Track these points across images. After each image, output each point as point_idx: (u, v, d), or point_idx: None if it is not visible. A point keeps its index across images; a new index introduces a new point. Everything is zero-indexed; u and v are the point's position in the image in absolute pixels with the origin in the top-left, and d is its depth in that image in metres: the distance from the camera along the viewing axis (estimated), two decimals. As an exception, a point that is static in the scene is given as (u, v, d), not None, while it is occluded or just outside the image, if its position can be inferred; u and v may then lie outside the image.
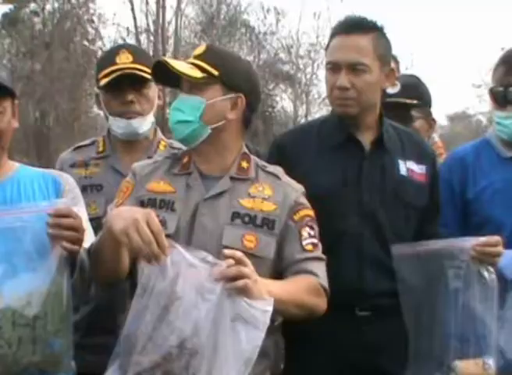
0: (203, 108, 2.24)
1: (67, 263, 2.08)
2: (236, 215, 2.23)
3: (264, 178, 2.33)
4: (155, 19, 18.79)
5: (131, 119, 2.85)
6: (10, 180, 2.32)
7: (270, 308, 1.96)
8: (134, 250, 1.94)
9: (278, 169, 2.39)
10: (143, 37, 18.96)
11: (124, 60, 2.88)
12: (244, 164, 2.32)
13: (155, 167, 2.33)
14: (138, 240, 1.91)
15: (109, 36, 20.04)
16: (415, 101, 3.28)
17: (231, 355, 1.94)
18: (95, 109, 18.89)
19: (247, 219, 2.23)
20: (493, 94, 2.75)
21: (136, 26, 18.79)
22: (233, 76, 2.27)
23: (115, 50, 2.98)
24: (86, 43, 17.69)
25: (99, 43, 18.10)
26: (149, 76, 2.76)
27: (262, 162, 2.39)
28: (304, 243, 2.28)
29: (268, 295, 1.97)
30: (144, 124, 2.89)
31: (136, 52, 2.97)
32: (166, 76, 2.31)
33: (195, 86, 2.25)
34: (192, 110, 2.25)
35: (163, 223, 2.15)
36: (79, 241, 2.09)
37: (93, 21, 17.90)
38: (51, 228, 2.05)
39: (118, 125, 2.88)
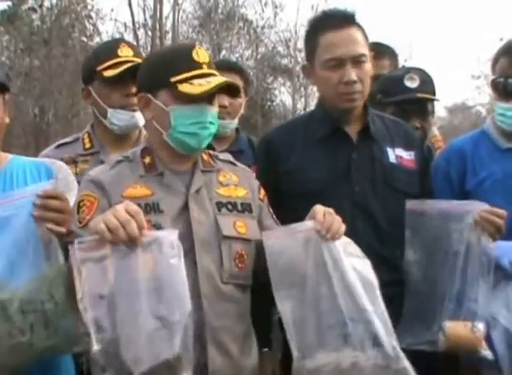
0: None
1: (59, 245, 2.10)
2: (220, 204, 2.27)
3: (223, 166, 2.38)
4: (153, 14, 18.72)
5: (134, 112, 2.87)
6: (3, 172, 2.35)
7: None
8: (112, 235, 1.85)
9: (228, 156, 2.45)
10: (141, 33, 18.91)
11: (126, 53, 2.92)
12: (205, 156, 2.36)
13: (118, 172, 2.26)
14: (115, 221, 1.85)
15: (107, 31, 19.96)
16: (434, 97, 3.28)
17: (366, 287, 2.10)
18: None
19: (230, 206, 2.29)
20: (495, 85, 2.75)
21: (133, 22, 18.73)
22: None
23: (115, 43, 3.01)
24: (84, 39, 17.64)
25: (97, 39, 18.05)
26: None
27: (214, 152, 2.43)
28: (274, 218, 2.41)
29: None
30: (142, 118, 2.92)
31: (134, 47, 3.03)
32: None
33: (213, 96, 2.25)
34: (217, 121, 2.28)
35: (158, 226, 2.14)
36: (65, 223, 2.10)
37: (91, 17, 17.85)
38: (36, 209, 2.06)
39: (120, 117, 2.89)
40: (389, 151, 2.71)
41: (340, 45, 2.59)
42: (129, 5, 18.57)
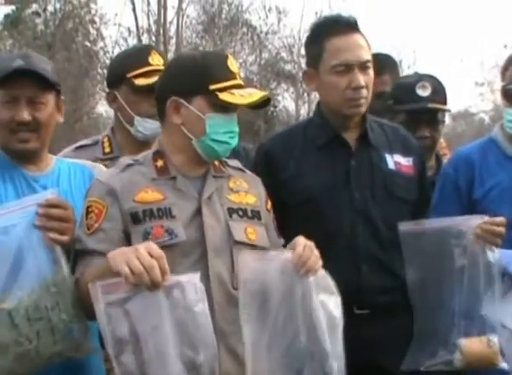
0: None
1: (62, 251, 2.10)
2: (231, 210, 2.27)
3: (233, 172, 2.37)
4: (157, 19, 18.77)
5: None
6: (51, 173, 2.39)
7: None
8: (135, 278, 1.83)
9: (236, 162, 2.43)
10: (144, 38, 18.94)
11: (157, 62, 2.90)
12: (216, 162, 2.34)
13: (129, 176, 2.22)
14: (139, 266, 1.83)
15: (111, 36, 20.00)
16: (445, 107, 3.25)
17: (329, 326, 2.08)
18: (97, 110, 19.00)
19: (240, 213, 2.28)
20: (505, 91, 2.73)
21: (137, 27, 18.79)
22: None
23: (146, 50, 2.98)
24: (88, 44, 17.69)
25: (101, 43, 18.11)
26: None
27: (223, 159, 2.40)
28: (276, 229, 2.40)
29: None
30: None
31: (163, 55, 3.01)
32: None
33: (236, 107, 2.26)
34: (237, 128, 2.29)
35: (170, 231, 2.14)
36: (68, 232, 2.11)
37: (94, 22, 17.90)
38: (38, 219, 2.07)
39: (147, 127, 2.87)
40: (388, 157, 2.71)
41: (348, 50, 2.59)
42: (133, 10, 18.65)
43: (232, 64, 2.24)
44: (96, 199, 2.18)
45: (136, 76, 2.86)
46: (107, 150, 2.94)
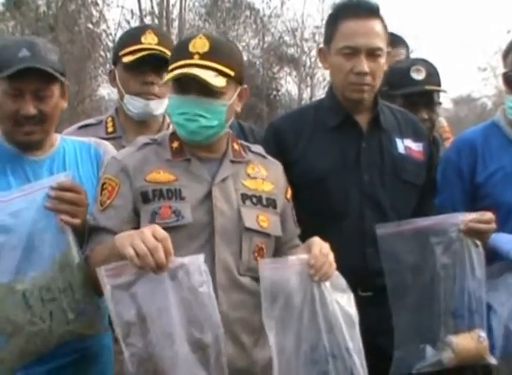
0: (225, 111, 2.21)
1: (73, 234, 2.12)
2: (244, 196, 2.26)
3: (254, 158, 2.36)
4: (160, 1, 18.68)
5: (149, 101, 2.87)
6: (57, 154, 2.39)
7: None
8: (140, 260, 1.84)
9: (260, 148, 2.43)
10: (147, 20, 18.84)
11: (149, 41, 2.91)
12: (236, 146, 2.34)
13: (143, 155, 2.24)
14: (143, 247, 1.84)
15: (113, 19, 19.92)
16: (441, 88, 3.28)
17: (347, 324, 2.11)
18: (99, 92, 18.94)
19: (254, 200, 2.27)
20: (507, 78, 2.73)
21: (140, 9, 18.66)
22: (241, 69, 2.26)
23: (142, 29, 3.01)
24: (90, 26, 17.60)
25: (103, 26, 18.01)
26: None
27: (245, 143, 2.41)
28: (294, 219, 2.39)
29: None
30: (161, 107, 2.91)
31: (161, 35, 3.01)
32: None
33: (215, 90, 2.16)
34: (216, 115, 2.19)
35: (177, 213, 2.15)
36: (80, 215, 2.12)
37: (97, 3, 17.78)
38: (50, 201, 2.08)
39: (134, 104, 2.90)
40: (398, 141, 2.73)
41: (358, 35, 2.59)
42: (136, -8, 18.51)
43: (195, 44, 2.17)
44: (110, 176, 2.21)
45: (126, 54, 2.90)
46: (110, 129, 2.96)
